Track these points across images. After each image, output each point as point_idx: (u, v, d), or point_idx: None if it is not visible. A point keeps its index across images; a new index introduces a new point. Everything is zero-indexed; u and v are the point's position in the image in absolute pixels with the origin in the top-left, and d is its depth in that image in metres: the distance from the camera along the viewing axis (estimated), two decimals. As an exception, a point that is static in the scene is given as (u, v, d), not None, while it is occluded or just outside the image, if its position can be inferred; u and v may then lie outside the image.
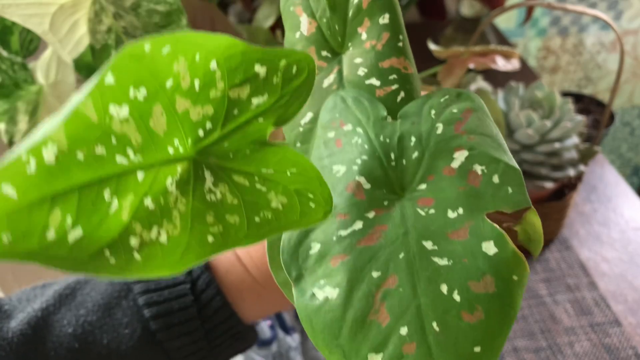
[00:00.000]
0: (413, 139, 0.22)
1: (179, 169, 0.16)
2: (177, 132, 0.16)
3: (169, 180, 0.16)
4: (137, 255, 0.15)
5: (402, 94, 0.24)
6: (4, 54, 0.47)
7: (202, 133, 0.16)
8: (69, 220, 0.14)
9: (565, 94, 0.81)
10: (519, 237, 0.21)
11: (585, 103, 0.84)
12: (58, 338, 0.33)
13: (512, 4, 0.55)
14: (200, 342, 0.35)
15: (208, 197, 0.17)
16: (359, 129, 0.22)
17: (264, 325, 0.54)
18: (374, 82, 0.24)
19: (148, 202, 0.16)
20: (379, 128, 0.22)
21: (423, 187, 0.21)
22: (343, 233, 0.20)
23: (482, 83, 0.55)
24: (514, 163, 0.21)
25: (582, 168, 0.62)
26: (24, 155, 0.13)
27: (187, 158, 0.16)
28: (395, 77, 0.24)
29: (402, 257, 0.19)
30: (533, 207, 0.20)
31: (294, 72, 0.17)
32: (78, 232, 0.14)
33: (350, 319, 0.19)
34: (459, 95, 0.22)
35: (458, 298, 0.18)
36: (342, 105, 0.23)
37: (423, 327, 0.18)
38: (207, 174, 0.17)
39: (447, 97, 0.22)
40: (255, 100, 0.17)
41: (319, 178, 0.18)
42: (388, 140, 0.22)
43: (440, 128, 0.21)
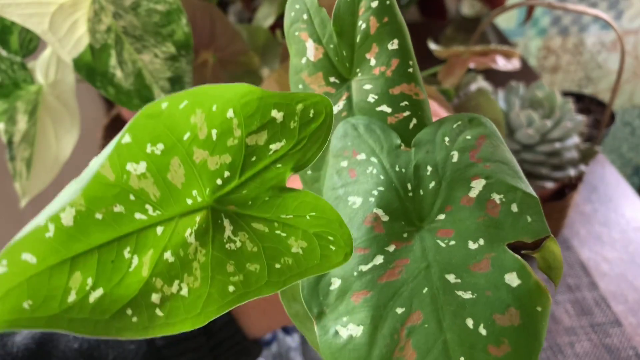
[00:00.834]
0: (429, 168, 0.22)
1: (198, 219, 0.16)
2: (195, 183, 0.16)
3: (188, 231, 0.16)
4: (159, 312, 0.15)
5: (414, 121, 0.23)
6: (4, 54, 0.47)
7: (220, 182, 0.16)
8: (90, 281, 0.14)
9: (566, 94, 0.81)
10: (539, 265, 0.21)
11: (586, 103, 0.84)
12: (63, 353, 0.33)
13: (512, 4, 0.55)
14: (206, 358, 0.35)
15: (228, 246, 0.17)
16: (373, 159, 0.22)
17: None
18: (385, 109, 0.23)
19: (168, 255, 0.16)
20: (394, 157, 0.22)
21: (442, 217, 0.20)
22: (364, 268, 0.20)
23: (482, 83, 0.55)
24: (531, 190, 0.21)
25: (582, 168, 0.61)
26: (43, 222, 0.13)
27: (205, 207, 0.16)
28: (407, 103, 0.24)
29: (425, 291, 0.19)
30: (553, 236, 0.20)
31: (311, 115, 0.17)
32: (99, 292, 0.14)
33: (376, 358, 0.18)
34: (471, 121, 0.22)
35: (484, 332, 0.18)
36: (354, 133, 0.23)
37: None
38: (226, 223, 0.17)
39: (459, 123, 0.22)
40: (273, 146, 0.17)
41: (339, 220, 0.18)
42: (404, 170, 0.22)
43: (456, 156, 0.21)
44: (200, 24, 0.46)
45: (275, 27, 0.53)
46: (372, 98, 0.24)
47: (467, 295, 0.18)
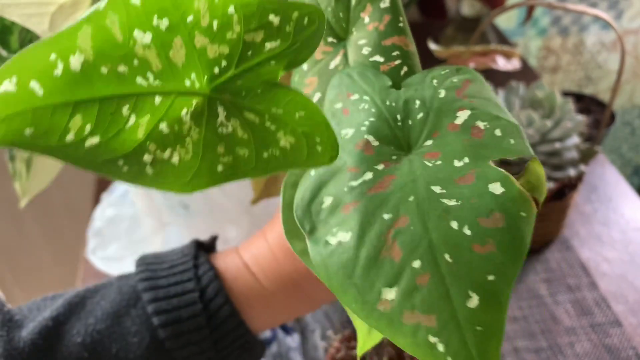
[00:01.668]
0: (417, 102, 0.23)
1: (194, 102, 0.17)
2: (194, 66, 0.17)
3: (184, 111, 0.17)
4: (149, 169, 0.17)
5: (405, 69, 0.25)
6: (4, 54, 0.47)
7: (217, 70, 0.17)
8: (88, 128, 0.15)
9: (566, 94, 0.81)
10: (524, 186, 0.21)
11: (586, 103, 0.83)
12: (67, 348, 0.33)
13: (512, 4, 0.55)
14: (209, 351, 0.35)
15: (220, 129, 0.18)
16: (366, 97, 0.24)
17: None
18: (378, 58, 0.25)
19: (163, 126, 0.17)
20: (385, 94, 0.24)
21: (429, 142, 0.22)
22: (354, 184, 0.21)
23: (482, 83, 0.55)
24: (514, 120, 0.22)
25: (582, 168, 0.61)
26: (53, 54, 0.14)
27: (202, 94, 0.18)
28: (398, 53, 0.25)
29: (412, 199, 0.20)
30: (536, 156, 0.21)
31: (306, 22, 0.18)
32: (95, 139, 0.16)
33: (363, 258, 0.19)
34: (459, 70, 0.24)
35: (469, 232, 0.19)
36: (348, 80, 0.24)
37: (435, 259, 0.18)
38: (220, 109, 0.18)
39: (447, 70, 0.24)
40: (269, 45, 0.18)
41: (326, 123, 0.19)
42: (394, 104, 0.23)
43: (443, 93, 0.23)
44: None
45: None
46: (366, 50, 0.25)
47: (452, 203, 0.19)
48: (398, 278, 0.18)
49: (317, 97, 0.25)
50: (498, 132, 0.21)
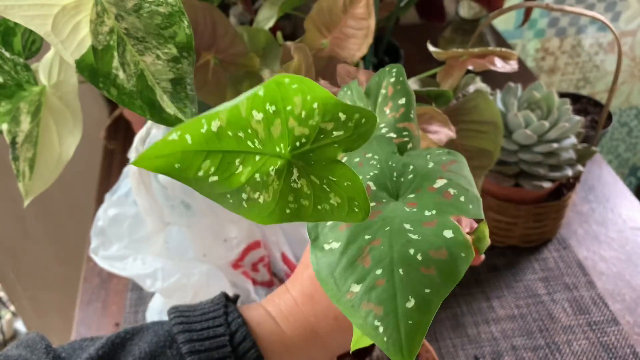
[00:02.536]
0: (411, 167, 0.31)
1: (279, 163, 0.25)
2: (284, 139, 0.24)
3: (272, 168, 0.25)
4: (244, 204, 0.25)
5: (410, 144, 0.34)
6: (7, 55, 0.48)
7: (298, 144, 0.25)
8: (212, 169, 0.23)
9: (563, 95, 0.81)
10: (471, 238, 0.30)
11: (583, 104, 0.84)
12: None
13: (510, 6, 0.56)
14: None
15: (292, 184, 0.26)
16: (376, 156, 0.32)
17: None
18: (392, 135, 0.34)
19: (257, 176, 0.25)
20: (390, 157, 0.32)
21: (412, 195, 0.30)
22: None
23: (480, 84, 0.55)
24: (478, 194, 0.29)
25: (580, 168, 0.62)
26: (203, 120, 0.22)
27: (285, 158, 0.25)
28: (406, 133, 0.34)
29: (387, 229, 0.28)
30: (485, 220, 0.30)
31: (363, 122, 0.25)
32: (215, 177, 0.23)
33: (344, 261, 0.27)
34: (449, 152, 0.32)
35: (420, 258, 0.26)
36: (367, 144, 0.33)
37: (392, 271, 0.26)
38: (294, 170, 0.26)
39: (440, 151, 0.32)
40: (335, 133, 0.25)
41: (364, 193, 0.26)
42: (394, 165, 0.32)
43: (431, 165, 0.31)
44: (202, 26, 0.46)
45: (276, 29, 0.54)
46: (384, 130, 0.35)
47: (414, 237, 0.27)
48: (364, 279, 0.26)
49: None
50: (462, 198, 0.28)
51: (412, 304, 0.24)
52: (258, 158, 0.24)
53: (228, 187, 0.24)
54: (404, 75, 0.36)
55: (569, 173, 0.61)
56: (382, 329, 0.24)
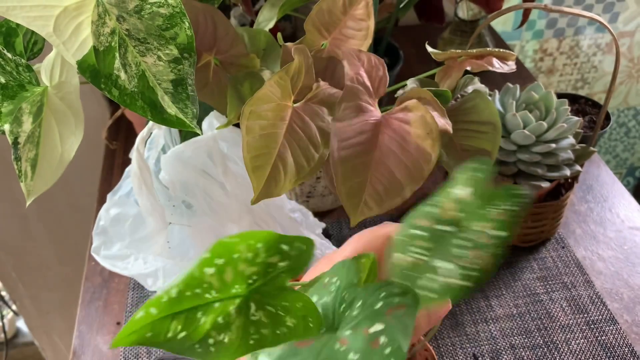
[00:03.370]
0: (360, 302, 0.32)
1: (237, 302, 0.28)
2: (238, 281, 0.27)
3: (232, 308, 0.28)
4: (212, 348, 0.28)
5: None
6: (9, 56, 0.48)
7: (251, 281, 0.28)
8: (179, 328, 0.27)
9: (562, 95, 0.82)
10: None
11: (582, 104, 0.85)
12: None
13: (509, 7, 0.56)
14: None
15: (251, 317, 0.29)
16: (338, 282, 0.34)
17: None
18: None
19: (219, 319, 0.28)
20: (348, 287, 0.34)
21: (347, 333, 0.31)
22: None
23: (479, 85, 0.55)
24: (406, 347, 0.30)
25: (578, 168, 0.62)
26: (163, 294, 0.25)
27: (242, 296, 0.28)
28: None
29: (311, 358, 0.30)
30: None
31: (304, 248, 0.28)
32: (183, 334, 0.27)
33: None
34: (404, 293, 0.33)
35: None
36: (337, 269, 0.35)
37: None
38: (251, 305, 0.29)
39: (397, 290, 0.33)
40: (281, 264, 0.28)
41: (316, 310, 0.30)
42: (347, 296, 0.33)
43: (379, 305, 0.32)
44: (203, 27, 0.46)
45: (276, 30, 0.54)
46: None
47: None
48: None
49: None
50: (387, 350, 0.29)
51: None
52: (217, 304, 0.27)
53: (196, 337, 0.27)
54: None
55: (567, 173, 0.62)
56: None
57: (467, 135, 0.49)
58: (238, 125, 0.44)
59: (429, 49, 0.51)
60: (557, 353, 0.59)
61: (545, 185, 0.62)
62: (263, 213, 0.54)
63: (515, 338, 0.61)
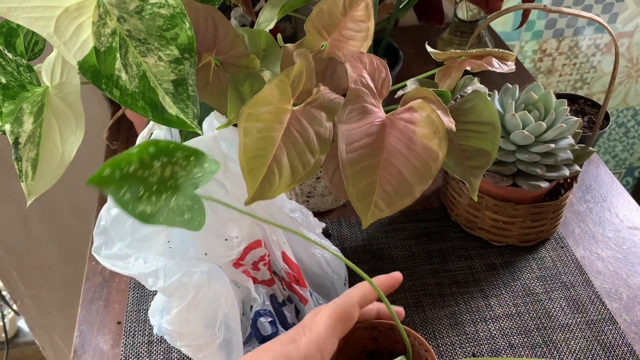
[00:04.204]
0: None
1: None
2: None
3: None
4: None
5: None
6: (10, 56, 0.48)
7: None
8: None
9: (561, 96, 0.82)
10: None
11: (581, 104, 0.85)
12: None
13: (508, 7, 0.56)
14: None
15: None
16: None
17: (265, 322, 0.55)
18: None
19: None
20: None
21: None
22: None
23: (478, 85, 0.56)
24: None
25: (577, 168, 0.63)
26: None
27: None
28: None
29: None
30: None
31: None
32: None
33: None
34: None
35: None
36: None
37: None
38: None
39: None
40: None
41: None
42: None
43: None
44: (203, 28, 0.46)
45: (277, 31, 0.54)
46: None
47: None
48: None
49: None
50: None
51: None
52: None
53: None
54: None
55: (566, 173, 0.62)
56: None
57: (466, 136, 0.49)
58: (238, 126, 0.44)
59: (429, 49, 0.51)
60: (556, 352, 0.59)
61: (545, 185, 0.62)
62: (263, 213, 0.54)
63: (515, 337, 0.61)
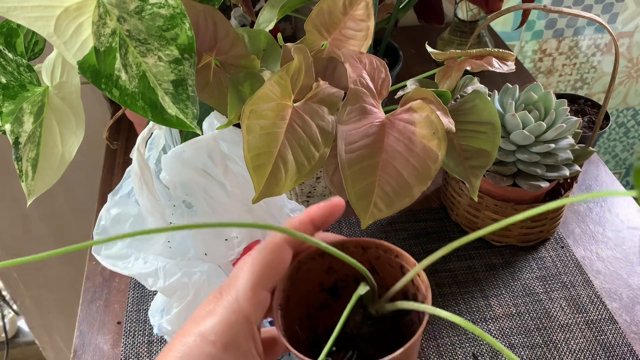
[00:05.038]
0: None
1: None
2: None
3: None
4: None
5: None
6: (10, 56, 0.48)
7: None
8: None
9: (561, 96, 0.82)
10: None
11: (581, 104, 0.85)
12: None
13: (508, 7, 0.56)
14: None
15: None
16: None
17: (265, 322, 0.55)
18: None
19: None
20: None
21: None
22: None
23: (478, 85, 0.56)
24: None
25: (577, 168, 0.63)
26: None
27: None
28: None
29: None
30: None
31: None
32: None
33: None
34: None
35: None
36: None
37: None
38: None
39: None
40: None
41: None
42: None
43: None
44: (203, 28, 0.46)
45: (277, 31, 0.54)
46: None
47: None
48: None
49: None
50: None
51: None
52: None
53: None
54: None
55: (566, 173, 0.62)
56: None
57: (466, 136, 0.49)
58: (238, 126, 0.44)
59: (429, 50, 0.51)
60: (556, 352, 0.59)
61: (545, 185, 0.62)
62: (263, 213, 0.54)
63: (515, 337, 0.61)
